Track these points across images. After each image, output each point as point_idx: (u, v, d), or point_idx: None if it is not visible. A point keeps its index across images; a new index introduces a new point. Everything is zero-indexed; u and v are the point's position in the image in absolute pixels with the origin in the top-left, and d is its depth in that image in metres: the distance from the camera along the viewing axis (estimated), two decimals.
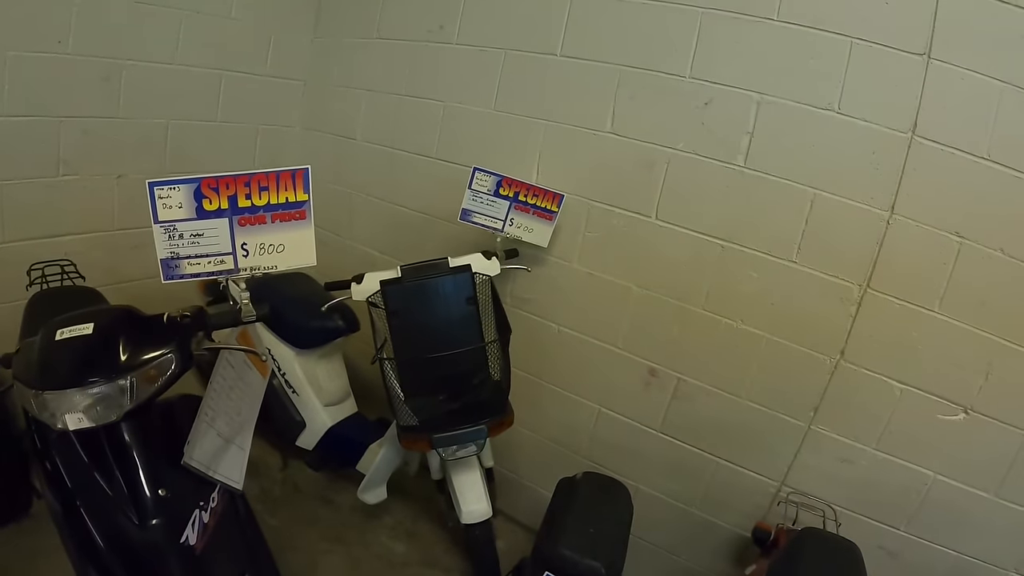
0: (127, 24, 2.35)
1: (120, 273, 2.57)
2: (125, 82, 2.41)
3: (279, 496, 2.58)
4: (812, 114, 1.91)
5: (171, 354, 1.39)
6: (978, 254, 1.77)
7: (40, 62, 2.19)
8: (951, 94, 1.75)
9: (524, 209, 2.22)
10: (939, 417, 1.87)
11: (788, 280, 2.00)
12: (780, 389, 2.07)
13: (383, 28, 2.76)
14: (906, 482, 1.93)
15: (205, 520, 1.48)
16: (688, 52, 2.05)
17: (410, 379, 2.03)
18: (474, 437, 1.99)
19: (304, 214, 1.47)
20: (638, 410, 2.33)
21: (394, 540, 2.50)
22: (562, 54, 2.28)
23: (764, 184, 1.99)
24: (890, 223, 1.85)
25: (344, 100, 2.95)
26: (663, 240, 2.17)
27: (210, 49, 2.63)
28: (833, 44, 1.86)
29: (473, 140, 2.53)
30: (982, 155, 1.74)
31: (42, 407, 1.30)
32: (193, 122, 2.67)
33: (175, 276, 1.44)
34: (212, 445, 1.51)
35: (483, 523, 2.11)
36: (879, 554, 1.94)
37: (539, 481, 2.60)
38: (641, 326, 2.27)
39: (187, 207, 1.40)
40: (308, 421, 2.55)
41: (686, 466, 2.26)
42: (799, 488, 2.06)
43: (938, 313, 1.84)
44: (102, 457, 1.41)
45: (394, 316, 2.01)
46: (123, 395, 1.32)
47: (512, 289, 2.47)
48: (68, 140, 2.32)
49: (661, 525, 2.33)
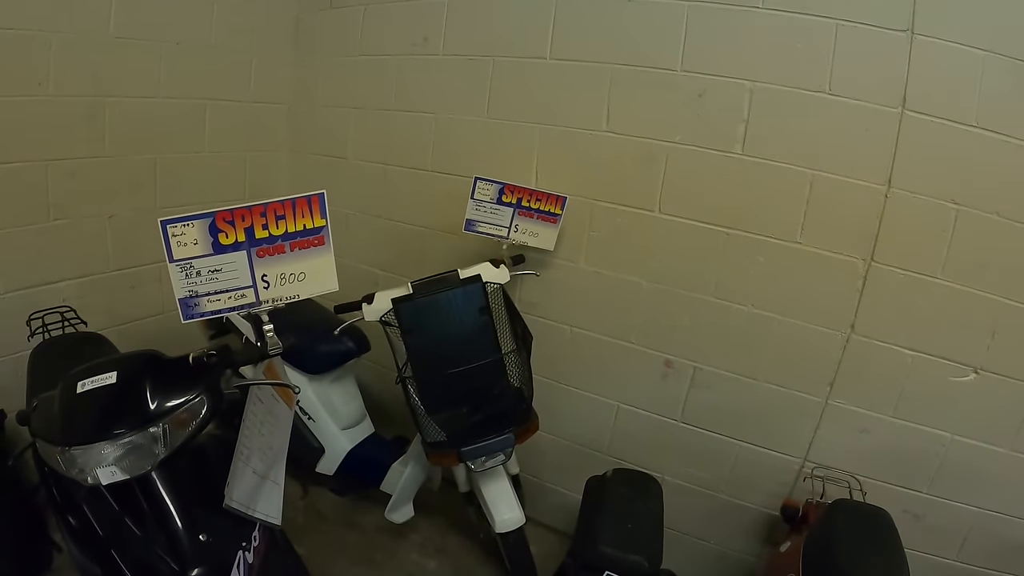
0: (106, 61, 2.31)
1: (121, 314, 2.53)
2: (109, 120, 2.36)
3: (304, 524, 2.55)
4: (804, 97, 1.94)
5: (201, 396, 1.36)
6: (975, 219, 1.82)
7: (21, 106, 2.14)
8: (936, 67, 1.81)
9: (528, 214, 2.23)
10: (951, 379, 1.92)
11: (794, 261, 2.03)
12: (795, 367, 2.10)
13: (365, 45, 2.75)
14: (925, 446, 1.98)
15: (250, 560, 1.45)
16: (677, 46, 2.07)
17: (432, 395, 2.02)
18: (502, 446, 2.00)
19: (323, 240, 1.45)
20: (657, 402, 2.35)
21: (425, 557, 2.49)
22: (552, 57, 2.30)
23: (763, 169, 2.02)
24: (888, 197, 1.90)
25: (332, 120, 2.93)
26: (668, 233, 2.19)
27: (192, 79, 2.59)
28: (819, 27, 1.90)
29: (468, 150, 2.53)
30: (971, 123, 1.79)
31: (70, 464, 1.26)
32: (181, 155, 2.63)
33: (195, 315, 1.41)
34: (249, 484, 1.48)
35: (517, 530, 2.11)
36: (905, 518, 1.97)
37: (564, 483, 2.61)
38: (653, 319, 2.29)
39: (203, 243, 1.36)
40: (327, 446, 2.53)
41: (709, 452, 2.28)
42: (822, 462, 2.09)
43: (941, 279, 1.89)
44: (135, 506, 1.37)
45: (408, 333, 2.00)
46: (156, 443, 1.30)
47: (522, 295, 2.48)
48: (56, 184, 2.27)
49: (689, 513, 2.35)
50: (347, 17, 2.78)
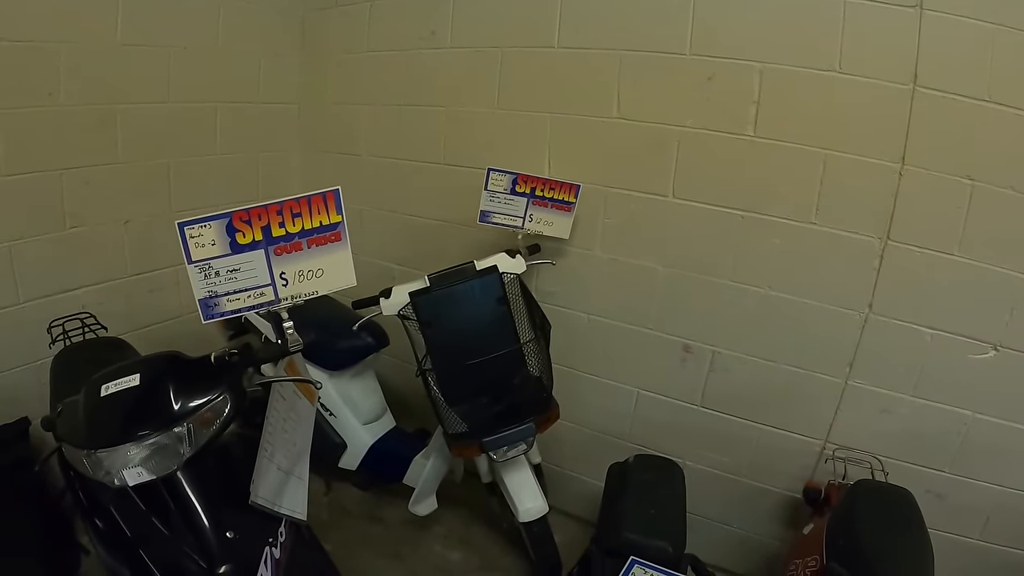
0: (115, 68, 2.33)
1: (140, 319, 2.55)
2: (121, 126, 2.38)
3: (328, 520, 2.56)
4: (815, 77, 1.93)
5: (224, 395, 1.37)
6: (991, 194, 1.81)
7: (33, 116, 2.15)
8: (947, 42, 1.79)
9: (542, 204, 2.23)
10: (970, 357, 1.91)
11: (810, 242, 2.02)
12: (814, 349, 2.10)
13: (373, 41, 2.75)
14: (946, 424, 1.97)
15: (277, 556, 1.45)
16: (686, 29, 2.07)
17: (452, 387, 2.02)
18: (523, 436, 2.00)
19: (339, 236, 1.45)
20: (677, 387, 2.35)
21: (449, 549, 2.50)
22: (560, 45, 2.29)
23: (776, 151, 2.01)
24: (902, 174, 1.88)
25: (342, 117, 2.94)
26: (683, 217, 2.18)
27: (201, 83, 2.60)
28: (827, 5, 1.88)
29: (480, 141, 2.53)
30: (983, 98, 1.77)
31: (96, 466, 1.27)
32: (193, 158, 2.65)
33: (215, 315, 1.41)
34: (274, 480, 1.49)
35: (540, 519, 2.12)
36: (927, 497, 1.97)
37: (586, 471, 2.62)
38: (670, 304, 2.29)
39: (220, 243, 1.37)
40: (348, 442, 2.54)
41: (730, 436, 2.28)
42: (843, 444, 2.09)
43: (958, 256, 1.87)
44: (161, 506, 1.39)
45: (427, 326, 2.01)
46: (181, 443, 1.31)
47: (538, 284, 2.48)
48: (71, 192, 2.29)
49: (711, 497, 2.35)
50: (353, 14, 2.78)
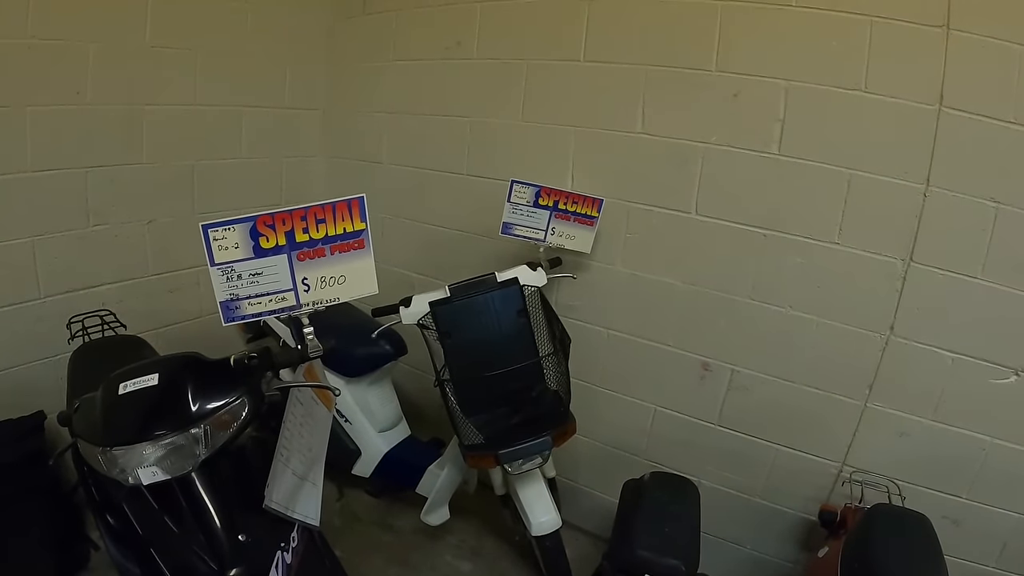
0: (143, 69, 2.36)
1: (160, 318, 2.57)
2: (147, 127, 2.41)
3: (340, 526, 2.56)
4: (840, 95, 1.92)
5: (242, 398, 1.38)
6: (1016, 217, 1.78)
7: (60, 115, 2.19)
8: (973, 62, 1.77)
9: (564, 217, 2.22)
10: (991, 382, 1.88)
11: (832, 262, 2.01)
12: (834, 370, 2.07)
13: (398, 50, 2.78)
14: (965, 450, 1.94)
15: (288, 560, 1.45)
16: (712, 46, 2.07)
17: (470, 398, 2.02)
18: (539, 449, 1.99)
19: (363, 243, 1.45)
20: (694, 405, 2.33)
21: (460, 559, 2.49)
22: (585, 59, 2.30)
23: (800, 169, 2.00)
24: (927, 195, 1.87)
25: (366, 125, 2.96)
26: (705, 235, 2.18)
27: (227, 86, 2.64)
28: (853, 24, 1.88)
29: (503, 153, 2.54)
30: (1009, 119, 1.75)
31: (111, 464, 1.28)
32: (218, 161, 2.68)
33: (236, 318, 1.41)
34: (289, 485, 1.49)
35: (553, 534, 2.11)
36: (944, 523, 1.94)
37: (600, 487, 2.60)
38: (690, 322, 2.27)
39: (244, 247, 1.37)
40: (363, 449, 2.55)
41: (746, 456, 2.26)
42: (861, 466, 2.06)
43: (982, 279, 1.85)
44: (175, 506, 1.39)
45: (447, 336, 2.01)
46: (197, 444, 1.31)
47: (558, 297, 2.47)
48: (96, 190, 2.32)
49: (726, 517, 2.32)
50: (380, 23, 2.81)
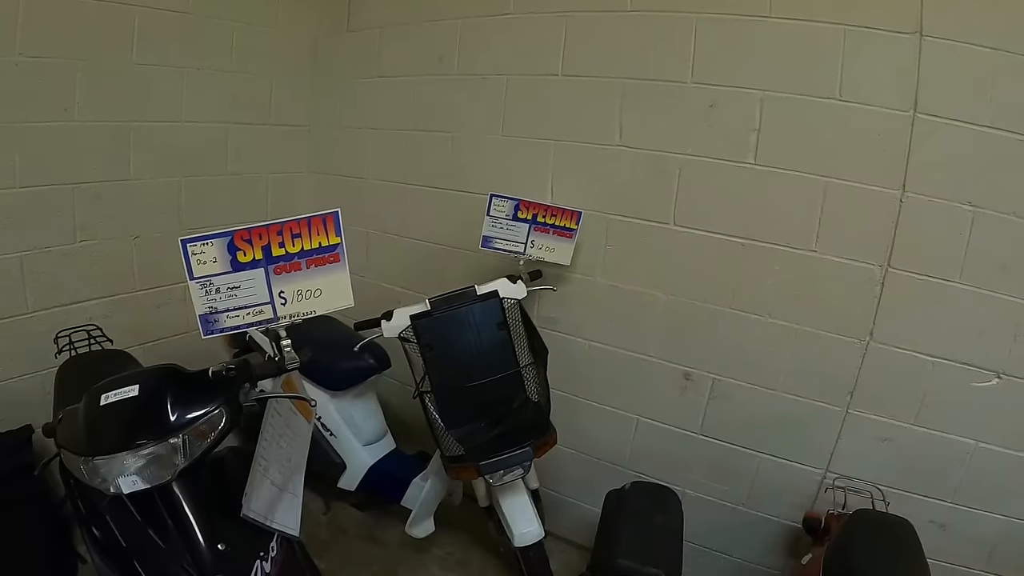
0: (130, 87, 2.38)
1: (146, 333, 2.58)
2: (134, 144, 2.43)
3: (326, 539, 2.56)
4: (815, 104, 1.95)
5: (220, 408, 1.40)
6: (992, 221, 1.80)
7: (48, 131, 2.21)
8: (947, 68, 1.80)
9: (544, 230, 2.24)
10: (973, 385, 1.89)
11: (811, 269, 2.02)
12: (815, 377, 2.08)
13: (382, 67, 2.81)
14: (948, 453, 1.94)
15: (267, 570, 1.47)
16: (687, 58, 2.09)
17: (451, 410, 2.03)
18: (520, 460, 1.99)
19: (338, 257, 1.47)
20: (676, 415, 2.33)
21: (446, 571, 2.48)
22: (563, 74, 2.33)
23: (777, 178, 2.02)
24: (903, 201, 1.88)
25: (350, 141, 2.99)
26: (684, 245, 2.19)
27: (213, 103, 2.66)
28: (827, 33, 1.91)
29: (485, 167, 2.56)
30: (985, 124, 1.77)
31: (93, 473, 1.30)
32: (204, 177, 2.70)
33: (215, 331, 1.43)
34: (267, 495, 1.51)
35: (536, 544, 2.10)
36: (930, 528, 1.95)
37: (584, 498, 2.59)
38: (671, 332, 2.28)
39: (222, 261, 1.39)
40: (348, 462, 2.55)
41: (729, 465, 2.26)
42: (844, 473, 2.06)
43: (960, 283, 1.86)
44: (156, 516, 1.40)
45: (428, 349, 2.03)
46: (176, 454, 1.34)
47: (539, 310, 2.49)
48: (83, 206, 2.33)
49: (710, 526, 2.32)
50: (364, 40, 2.85)
